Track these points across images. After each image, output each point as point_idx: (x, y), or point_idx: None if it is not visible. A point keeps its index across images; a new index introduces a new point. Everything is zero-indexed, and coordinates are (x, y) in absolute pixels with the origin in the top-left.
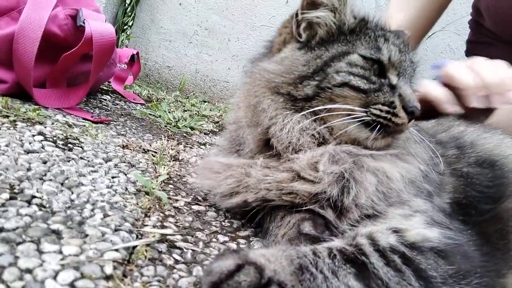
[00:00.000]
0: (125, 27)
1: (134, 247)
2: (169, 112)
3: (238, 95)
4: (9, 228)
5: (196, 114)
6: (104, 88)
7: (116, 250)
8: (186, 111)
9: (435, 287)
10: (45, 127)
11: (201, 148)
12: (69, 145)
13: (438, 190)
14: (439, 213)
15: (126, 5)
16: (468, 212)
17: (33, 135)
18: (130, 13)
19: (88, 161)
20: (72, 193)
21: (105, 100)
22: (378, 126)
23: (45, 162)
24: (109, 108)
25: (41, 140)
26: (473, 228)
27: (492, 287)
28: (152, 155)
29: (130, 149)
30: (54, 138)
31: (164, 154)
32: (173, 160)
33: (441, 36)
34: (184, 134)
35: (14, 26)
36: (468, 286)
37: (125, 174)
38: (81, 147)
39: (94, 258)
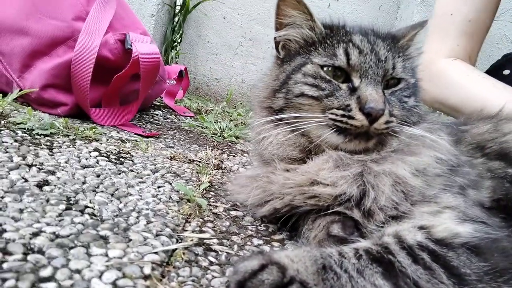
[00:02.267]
0: (174, 44)
1: (173, 250)
2: (215, 123)
3: None
4: (63, 234)
5: (242, 123)
6: (157, 103)
7: (156, 253)
8: (232, 120)
9: (469, 284)
10: (101, 144)
11: (244, 156)
12: (121, 159)
13: (474, 184)
14: (474, 207)
15: (174, 23)
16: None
17: (90, 152)
18: (178, 31)
19: (137, 173)
20: (120, 202)
21: (157, 115)
22: (335, 129)
23: (98, 176)
24: (160, 123)
25: (96, 156)
26: None
27: None
28: (197, 164)
29: (177, 160)
30: (108, 153)
31: (207, 163)
32: (216, 169)
33: (496, 26)
34: (229, 144)
35: (71, 53)
36: (506, 285)
37: (170, 184)
38: (131, 161)
39: (135, 260)
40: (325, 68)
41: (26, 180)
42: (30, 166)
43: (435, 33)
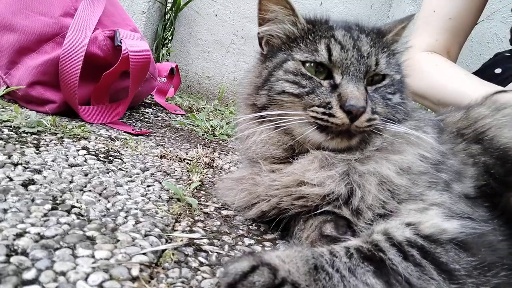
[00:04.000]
0: (165, 42)
1: (162, 251)
2: (206, 121)
3: None
4: (49, 235)
5: (233, 121)
6: (147, 101)
7: (144, 254)
8: (223, 119)
9: (459, 280)
10: (89, 142)
11: (235, 154)
12: (109, 157)
13: (458, 176)
14: (460, 203)
15: (165, 20)
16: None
17: (78, 150)
18: (169, 28)
19: (126, 171)
20: (109, 202)
21: (148, 113)
22: (316, 126)
23: (86, 175)
24: (150, 121)
25: (84, 154)
26: (501, 216)
27: None
28: (188, 163)
29: (167, 159)
30: (97, 152)
31: (198, 162)
32: (208, 167)
33: (487, 25)
34: (220, 142)
35: (59, 50)
36: (494, 278)
37: (160, 183)
38: (120, 159)
39: (123, 261)
40: (306, 65)
41: (11, 179)
42: (15, 164)
43: (419, 28)
